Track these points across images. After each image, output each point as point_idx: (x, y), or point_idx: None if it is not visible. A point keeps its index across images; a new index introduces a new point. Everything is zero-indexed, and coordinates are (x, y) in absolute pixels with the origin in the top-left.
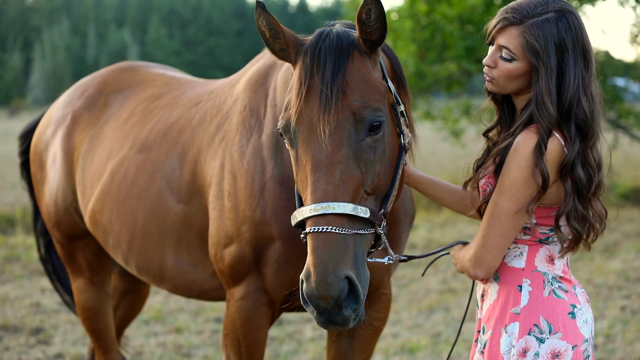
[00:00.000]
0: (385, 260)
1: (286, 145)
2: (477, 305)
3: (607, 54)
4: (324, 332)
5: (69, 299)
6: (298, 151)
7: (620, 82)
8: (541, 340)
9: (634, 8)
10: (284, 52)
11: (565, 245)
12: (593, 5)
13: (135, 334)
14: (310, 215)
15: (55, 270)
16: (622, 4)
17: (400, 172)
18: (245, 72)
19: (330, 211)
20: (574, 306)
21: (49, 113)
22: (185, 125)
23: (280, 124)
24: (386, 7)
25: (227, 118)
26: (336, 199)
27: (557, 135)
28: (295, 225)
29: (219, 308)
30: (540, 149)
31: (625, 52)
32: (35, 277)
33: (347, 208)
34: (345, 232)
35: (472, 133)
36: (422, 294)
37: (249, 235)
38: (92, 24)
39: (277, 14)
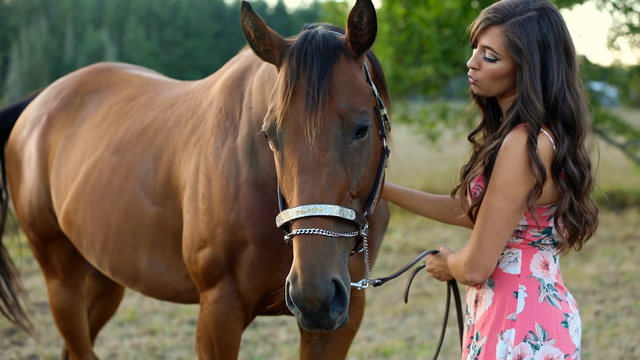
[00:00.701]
0: (359, 284)
1: (271, 147)
2: (467, 311)
3: (584, 58)
4: (298, 335)
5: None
6: (284, 153)
7: (597, 86)
8: (536, 347)
9: (611, 12)
10: (268, 53)
11: (565, 238)
12: (570, 9)
13: (109, 335)
14: (297, 217)
15: None
16: (599, 8)
17: (382, 175)
18: (221, 74)
19: (317, 213)
20: (566, 315)
21: (25, 113)
22: (160, 127)
23: (265, 126)
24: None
25: (203, 120)
26: (323, 201)
27: (546, 132)
28: (280, 226)
29: (193, 310)
30: (531, 144)
31: (602, 57)
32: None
33: (333, 210)
34: (332, 234)
35: (448, 137)
36: (397, 298)
37: (223, 239)
38: (70, 24)
39: None
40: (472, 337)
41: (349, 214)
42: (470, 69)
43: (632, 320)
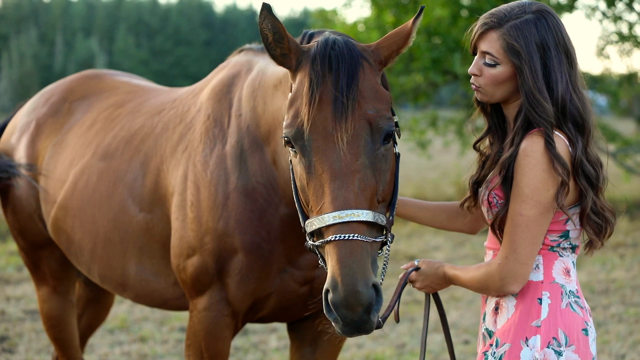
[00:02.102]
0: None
1: (292, 154)
2: (484, 319)
3: None
4: (288, 342)
5: None
6: (312, 160)
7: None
8: (559, 354)
9: (601, 21)
10: (284, 57)
11: (593, 236)
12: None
13: (99, 342)
14: (334, 222)
15: None
16: (588, 16)
17: (399, 179)
18: (209, 81)
19: (355, 219)
20: (586, 323)
21: (14, 120)
22: (148, 134)
23: (288, 132)
24: (353, 19)
25: (191, 127)
26: (357, 207)
27: (559, 134)
28: (309, 232)
29: (184, 317)
30: (549, 144)
31: (591, 65)
32: (0, 285)
33: (369, 216)
34: (368, 239)
35: (438, 144)
36: (386, 306)
37: (212, 247)
38: (60, 32)
39: (245, 23)
40: (491, 345)
41: (381, 219)
42: (472, 76)
43: (623, 327)
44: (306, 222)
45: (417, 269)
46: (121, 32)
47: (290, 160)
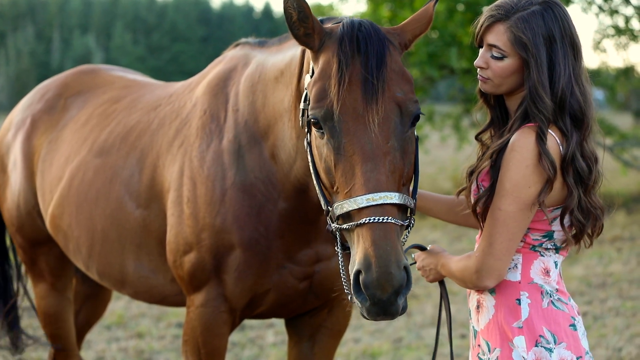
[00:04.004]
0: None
1: (317, 135)
2: (470, 316)
3: None
4: (286, 337)
5: None
6: (342, 141)
7: None
8: (550, 350)
9: (597, 15)
10: (308, 37)
11: (571, 235)
12: None
13: (96, 339)
14: (368, 204)
15: None
16: (585, 10)
17: (419, 163)
18: (204, 76)
19: (388, 201)
20: (573, 318)
21: (10, 116)
22: (144, 130)
23: (316, 112)
24: (349, 14)
25: (187, 122)
26: (389, 190)
27: (551, 131)
28: (339, 215)
29: (181, 313)
30: (541, 139)
31: (588, 59)
32: None
33: (400, 198)
34: (399, 222)
35: (435, 139)
36: None
37: (209, 243)
38: (57, 29)
39: (242, 19)
40: (479, 345)
41: (410, 202)
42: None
43: (620, 320)
44: (335, 205)
45: (423, 248)
46: (118, 28)
47: (309, 143)
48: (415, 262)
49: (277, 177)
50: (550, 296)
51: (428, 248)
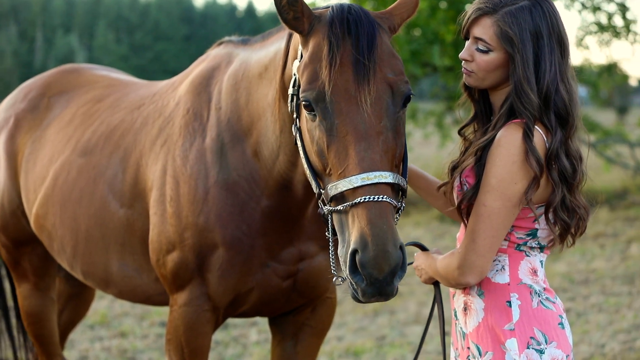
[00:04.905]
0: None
1: (309, 117)
2: (456, 317)
3: None
4: (269, 335)
5: None
6: (334, 122)
7: None
8: (541, 352)
9: (580, 11)
10: (297, 21)
11: (557, 234)
12: None
13: (80, 338)
14: (363, 184)
15: None
16: (568, 7)
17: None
18: (188, 74)
19: (383, 180)
20: (561, 317)
21: None
22: (128, 129)
23: (308, 94)
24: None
25: (170, 121)
26: (383, 169)
27: (538, 127)
28: (332, 196)
29: (164, 312)
30: (527, 136)
31: (571, 56)
32: None
33: (395, 178)
34: (393, 202)
35: (418, 137)
36: None
37: (192, 242)
38: (40, 29)
39: (224, 18)
40: (468, 348)
41: (403, 182)
42: (463, 61)
43: (602, 317)
44: (329, 186)
45: (425, 249)
46: (101, 28)
47: (299, 128)
48: (412, 262)
49: (260, 175)
50: (539, 295)
51: (429, 250)
